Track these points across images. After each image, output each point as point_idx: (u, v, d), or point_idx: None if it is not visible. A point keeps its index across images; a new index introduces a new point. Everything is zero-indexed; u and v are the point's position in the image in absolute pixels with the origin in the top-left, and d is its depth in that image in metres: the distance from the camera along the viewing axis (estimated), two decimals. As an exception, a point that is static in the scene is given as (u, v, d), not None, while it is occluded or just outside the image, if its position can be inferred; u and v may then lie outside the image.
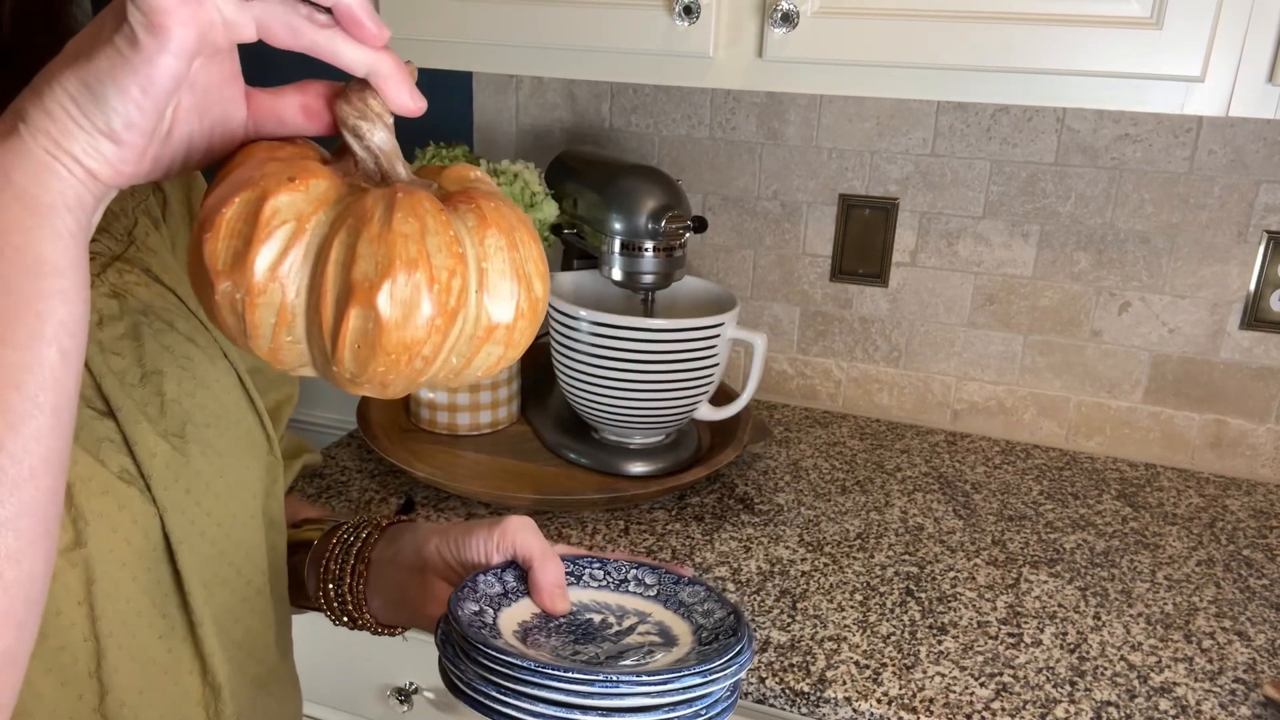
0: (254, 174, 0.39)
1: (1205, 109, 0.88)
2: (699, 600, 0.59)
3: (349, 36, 0.40)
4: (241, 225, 0.38)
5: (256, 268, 0.38)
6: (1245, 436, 1.27)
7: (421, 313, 0.38)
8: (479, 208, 0.41)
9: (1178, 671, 0.89)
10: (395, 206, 0.38)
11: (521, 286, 0.41)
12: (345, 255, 0.38)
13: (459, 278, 0.39)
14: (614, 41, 1.03)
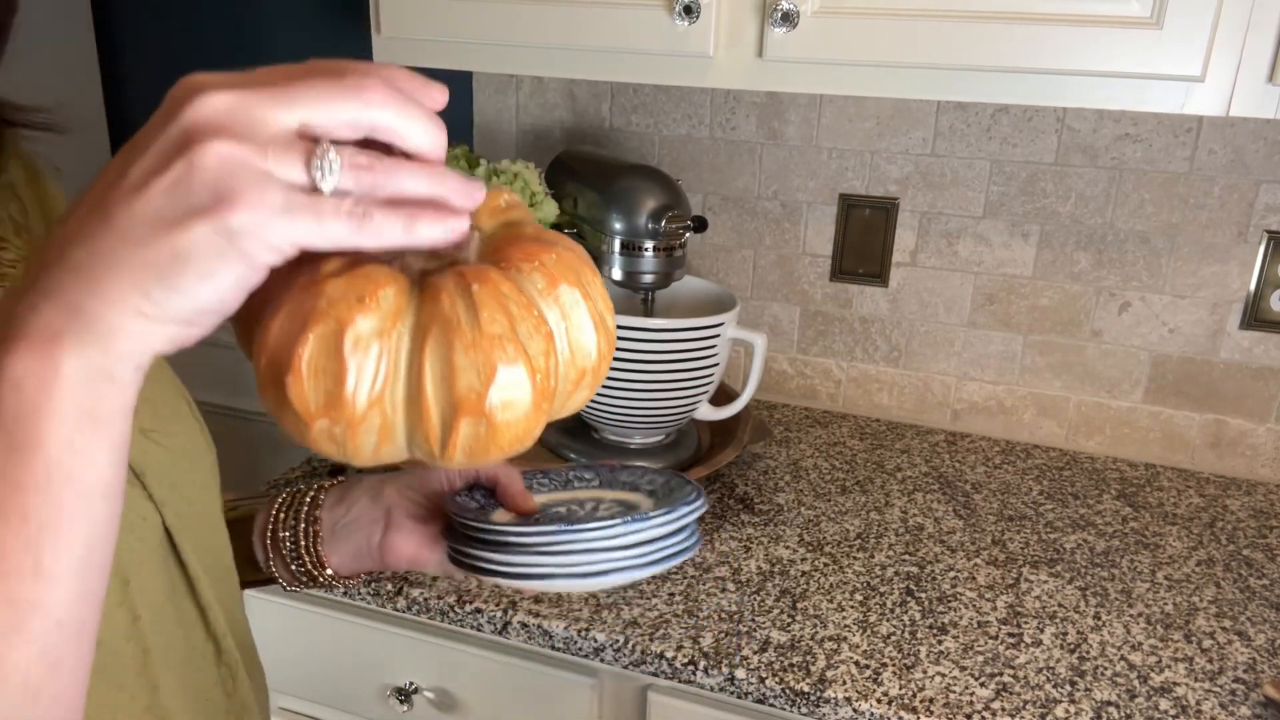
0: (317, 302, 0.35)
1: (1205, 109, 0.88)
2: (638, 476, 0.66)
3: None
4: (325, 362, 0.35)
5: (354, 403, 0.36)
6: (1245, 436, 1.27)
7: (528, 403, 0.38)
8: (542, 265, 0.39)
9: (1178, 671, 0.89)
10: (478, 305, 0.36)
11: (599, 331, 0.41)
12: (443, 369, 0.36)
13: (552, 355, 0.39)
14: (614, 41, 1.03)
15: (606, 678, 0.97)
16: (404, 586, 0.97)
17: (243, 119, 0.32)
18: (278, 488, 0.71)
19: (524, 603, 0.95)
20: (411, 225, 0.34)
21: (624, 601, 0.95)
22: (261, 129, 0.32)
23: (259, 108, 0.33)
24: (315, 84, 0.33)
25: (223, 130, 0.32)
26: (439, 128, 0.35)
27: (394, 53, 1.14)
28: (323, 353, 0.35)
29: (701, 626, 0.92)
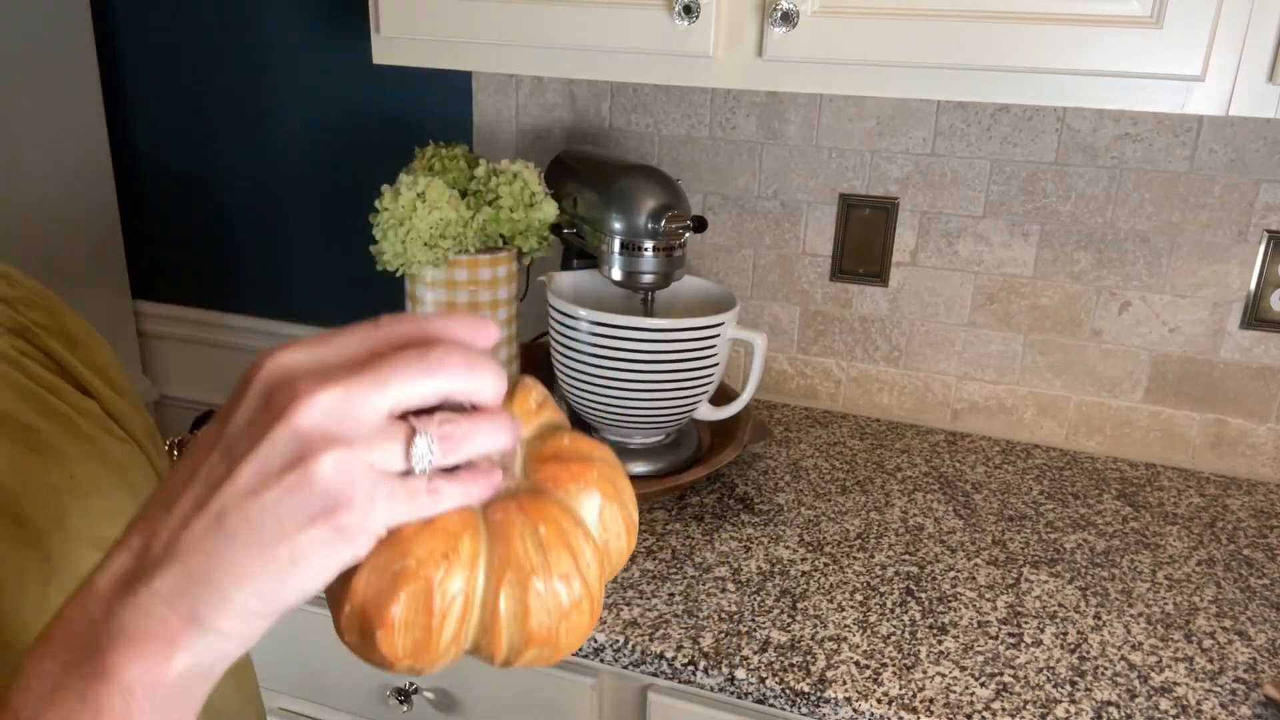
0: (406, 562, 0.38)
1: (1205, 108, 0.88)
2: None
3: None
4: (415, 616, 0.38)
5: (440, 649, 0.39)
6: (1245, 436, 1.27)
7: (586, 623, 0.41)
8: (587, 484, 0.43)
9: (1178, 671, 0.88)
10: (546, 548, 0.40)
11: (630, 534, 0.45)
12: (517, 608, 0.39)
13: (605, 570, 0.42)
14: (614, 41, 1.03)
15: (606, 678, 0.97)
16: (404, 587, 0.97)
17: (349, 419, 0.34)
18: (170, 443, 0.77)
19: (524, 603, 0.95)
20: (468, 492, 0.38)
21: (624, 602, 0.95)
22: (365, 424, 0.35)
23: (360, 402, 0.35)
24: (403, 367, 0.35)
25: (332, 439, 0.34)
26: (501, 379, 0.38)
27: (394, 52, 1.14)
28: (414, 609, 0.38)
29: (701, 626, 0.92)
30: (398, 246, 1.11)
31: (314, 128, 1.61)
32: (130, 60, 1.70)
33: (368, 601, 0.38)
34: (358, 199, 1.63)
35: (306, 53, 1.57)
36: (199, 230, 1.77)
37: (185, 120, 1.70)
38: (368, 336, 0.37)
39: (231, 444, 0.35)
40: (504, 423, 0.38)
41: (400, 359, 0.36)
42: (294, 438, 0.34)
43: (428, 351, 0.36)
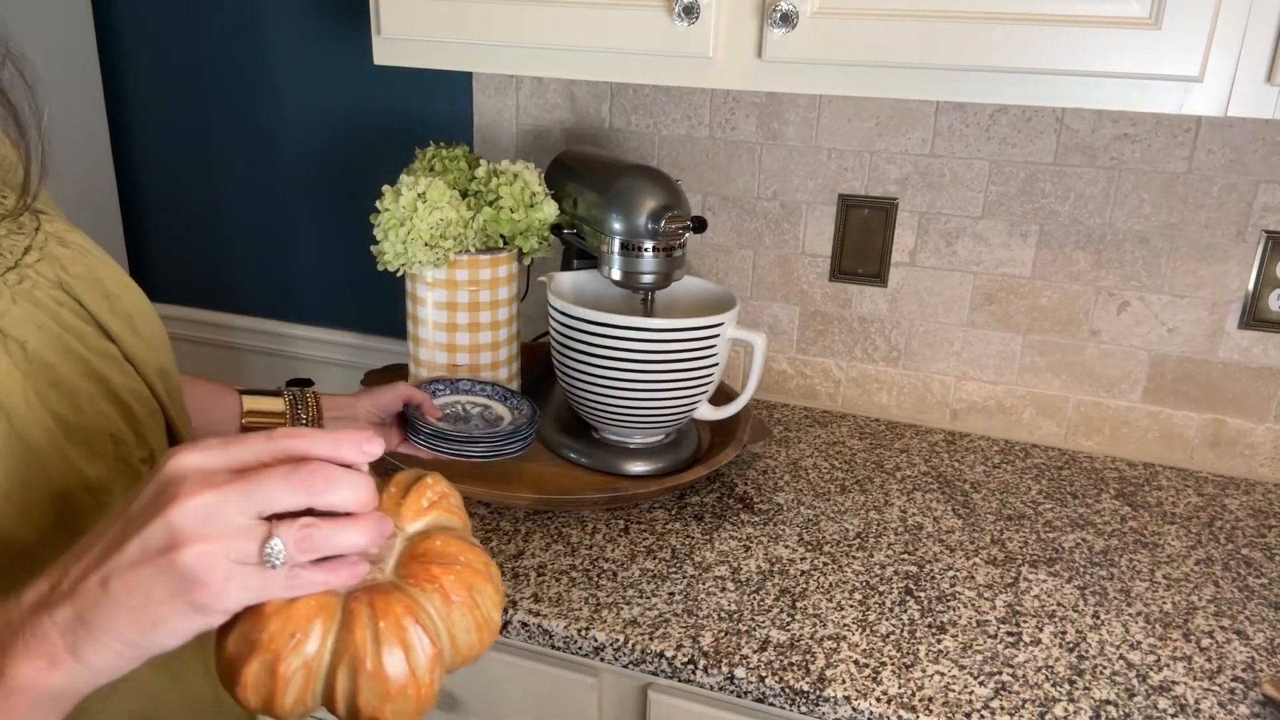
0: (260, 635, 0.46)
1: (1204, 109, 0.89)
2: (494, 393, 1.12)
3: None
4: (263, 678, 0.47)
5: (286, 706, 0.48)
6: (1244, 436, 1.27)
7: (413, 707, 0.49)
8: (440, 587, 0.50)
9: (1176, 670, 0.89)
10: (380, 642, 0.48)
11: (482, 631, 0.52)
12: (350, 688, 0.48)
13: (439, 666, 0.50)
14: (614, 42, 1.03)
15: (606, 677, 0.97)
16: (404, 586, 0.97)
17: (215, 519, 0.44)
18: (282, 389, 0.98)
19: (524, 602, 0.95)
20: (330, 579, 0.47)
21: (624, 601, 0.95)
22: (228, 524, 0.44)
23: (227, 507, 0.44)
24: (271, 481, 0.45)
25: (198, 535, 0.43)
26: (361, 492, 0.47)
27: (395, 53, 1.14)
28: (262, 673, 0.47)
29: (701, 626, 0.92)
30: (398, 247, 1.12)
31: (315, 128, 1.62)
32: (131, 60, 1.70)
33: (230, 659, 0.47)
34: (358, 199, 1.63)
35: (307, 54, 1.57)
36: (199, 230, 1.77)
37: (186, 121, 1.70)
38: (261, 449, 0.46)
39: (128, 522, 0.45)
40: (366, 526, 0.47)
41: (270, 474, 0.45)
42: (168, 529, 0.43)
43: (296, 469, 0.45)
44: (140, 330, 0.64)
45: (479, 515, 1.10)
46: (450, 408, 1.07)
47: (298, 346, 1.75)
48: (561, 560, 1.02)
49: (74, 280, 0.61)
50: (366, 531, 0.47)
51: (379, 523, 0.47)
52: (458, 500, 0.56)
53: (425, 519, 0.54)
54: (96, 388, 0.59)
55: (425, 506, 0.54)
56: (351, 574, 0.48)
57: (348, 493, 0.46)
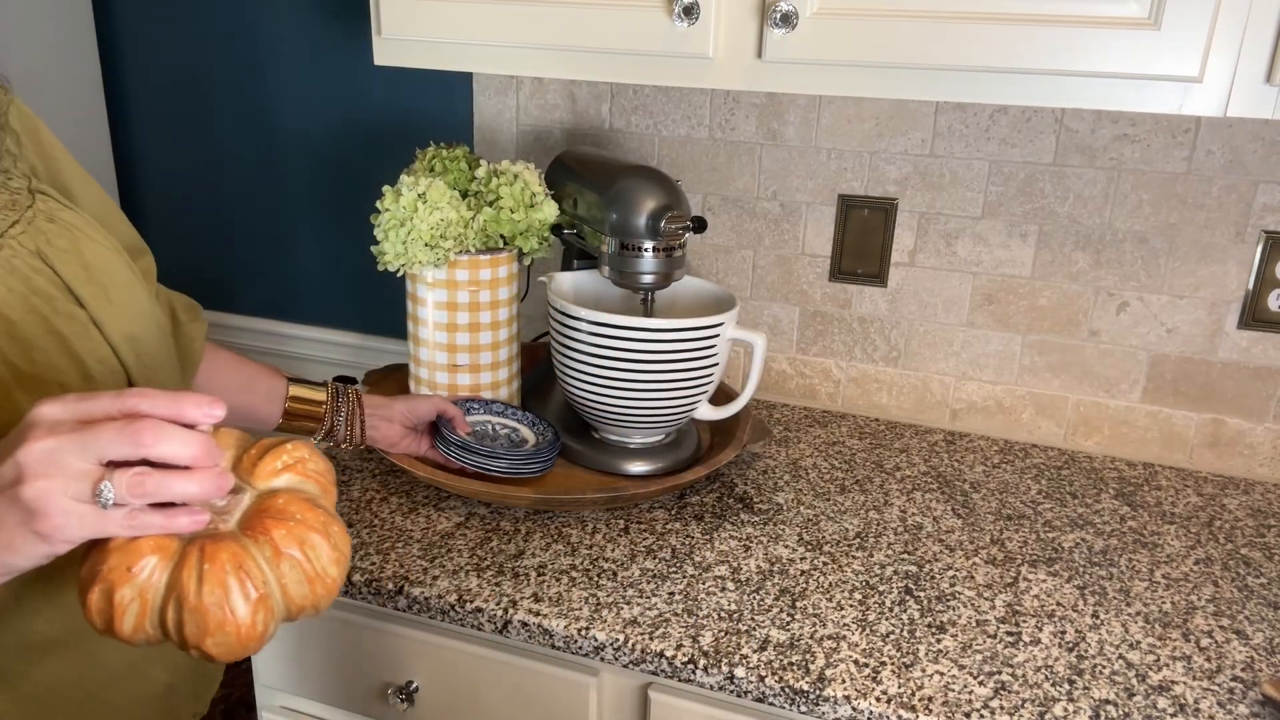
0: (100, 566, 0.54)
1: (1203, 109, 0.89)
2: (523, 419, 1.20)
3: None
4: (103, 604, 0.54)
5: (125, 631, 0.55)
6: (1243, 436, 1.27)
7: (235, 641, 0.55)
8: (271, 540, 0.56)
9: (1176, 670, 0.89)
10: (202, 580, 0.54)
11: (314, 584, 0.58)
12: (177, 618, 0.55)
13: (262, 609, 0.56)
14: (614, 42, 1.03)
15: (607, 676, 0.97)
16: (404, 586, 0.97)
17: (55, 462, 0.51)
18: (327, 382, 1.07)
19: (524, 602, 0.95)
20: (169, 523, 0.54)
21: (624, 600, 0.96)
22: (65, 467, 0.51)
23: (66, 453, 0.51)
24: (106, 433, 0.52)
25: (39, 474, 0.51)
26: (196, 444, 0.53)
27: (395, 54, 1.14)
28: (102, 599, 0.54)
29: (701, 625, 0.92)
30: (399, 247, 1.12)
31: (315, 128, 1.62)
32: (131, 61, 1.70)
33: (80, 586, 0.55)
34: (358, 199, 1.63)
35: (308, 54, 1.58)
36: (199, 230, 1.77)
37: (186, 121, 1.70)
38: (109, 405, 0.53)
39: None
40: (198, 478, 0.53)
41: (108, 426, 0.52)
42: (16, 466, 0.51)
43: (130, 423, 0.52)
44: (114, 299, 0.70)
45: (480, 515, 1.10)
46: (481, 425, 1.16)
47: (298, 346, 1.76)
48: (562, 560, 1.02)
49: (55, 252, 0.68)
50: (198, 481, 0.53)
51: (213, 476, 0.54)
52: (319, 466, 0.62)
53: (278, 480, 0.60)
54: (54, 344, 0.65)
55: (279, 468, 0.60)
56: (191, 521, 0.54)
57: (178, 447, 0.53)
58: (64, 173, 0.79)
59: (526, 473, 1.10)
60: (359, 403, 1.08)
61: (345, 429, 1.06)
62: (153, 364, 0.76)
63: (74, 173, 0.80)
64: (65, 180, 0.79)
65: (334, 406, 1.06)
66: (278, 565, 0.57)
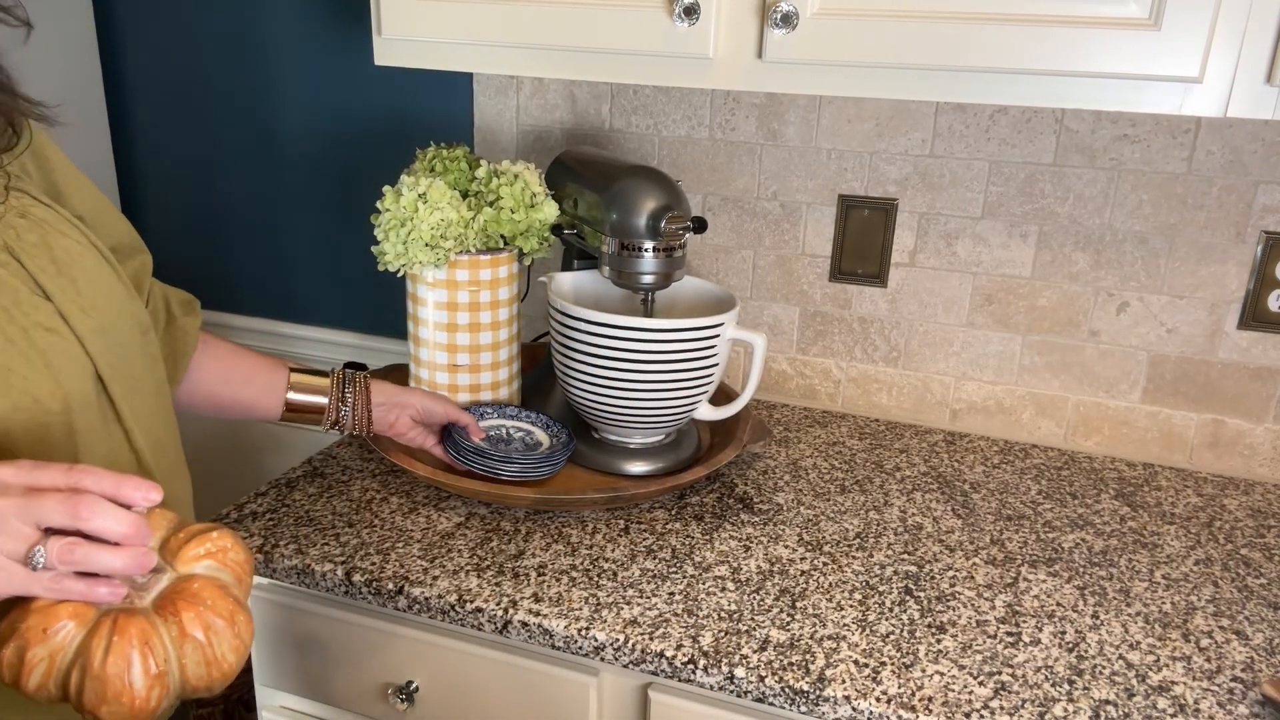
0: (18, 625, 0.58)
1: (1203, 110, 0.89)
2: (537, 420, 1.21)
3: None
4: (14, 660, 0.58)
5: (31, 687, 0.59)
6: (1243, 436, 1.27)
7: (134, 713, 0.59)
8: (179, 622, 0.61)
9: (1176, 670, 0.89)
10: (109, 651, 0.58)
11: (211, 668, 0.62)
12: (79, 682, 0.58)
13: (158, 686, 0.59)
14: (614, 42, 1.03)
15: (607, 676, 0.97)
16: (404, 586, 0.97)
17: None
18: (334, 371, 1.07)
19: (524, 602, 0.95)
20: (89, 592, 0.58)
21: (624, 601, 0.96)
22: (6, 528, 0.56)
23: (8, 516, 0.56)
24: (49, 502, 0.57)
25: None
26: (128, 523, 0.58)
27: (395, 54, 1.14)
28: (14, 655, 0.58)
29: (701, 625, 0.92)
30: (399, 247, 1.12)
31: (315, 128, 1.62)
32: (132, 61, 1.70)
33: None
34: (358, 199, 1.63)
35: (308, 54, 1.58)
36: (199, 230, 1.77)
37: (186, 121, 1.70)
38: (56, 477, 0.58)
39: None
40: (124, 554, 0.58)
41: (49, 495, 0.57)
42: None
43: (71, 496, 0.57)
44: (83, 292, 0.73)
45: (480, 515, 1.10)
46: (495, 430, 1.18)
47: (298, 346, 1.76)
48: (562, 560, 1.02)
49: (24, 246, 0.71)
50: (123, 557, 0.58)
51: (139, 555, 0.59)
52: (239, 557, 0.66)
53: (199, 565, 0.64)
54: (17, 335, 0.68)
55: (201, 554, 0.65)
56: (110, 592, 0.59)
57: (111, 523, 0.57)
58: (55, 171, 0.80)
59: (537, 475, 1.11)
60: (367, 390, 1.07)
61: (352, 418, 1.06)
62: (125, 356, 0.77)
63: (66, 171, 0.81)
64: (56, 179, 0.80)
65: (339, 396, 1.05)
66: (181, 646, 0.61)
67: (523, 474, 1.10)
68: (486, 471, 1.09)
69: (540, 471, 1.11)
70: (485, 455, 1.09)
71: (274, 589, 1.08)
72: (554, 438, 1.18)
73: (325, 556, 1.01)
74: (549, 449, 1.15)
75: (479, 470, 1.09)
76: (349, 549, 1.03)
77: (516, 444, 1.16)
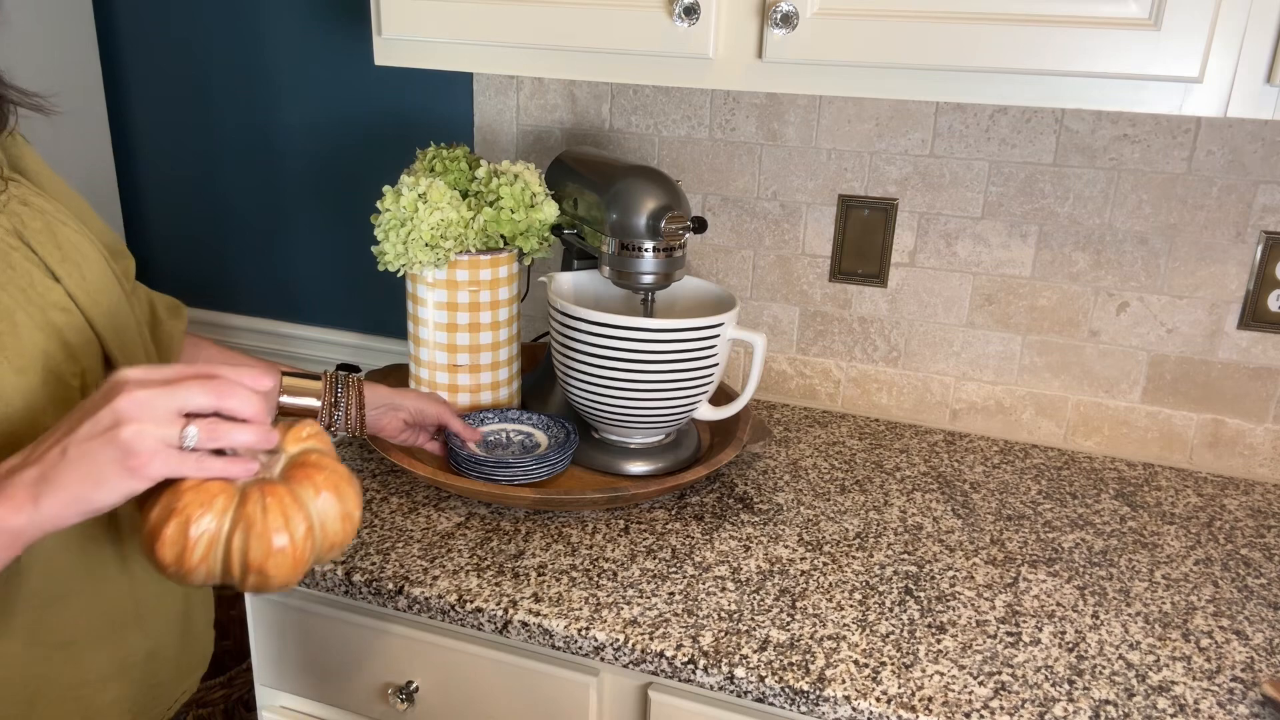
0: (176, 504, 0.63)
1: (1203, 109, 0.89)
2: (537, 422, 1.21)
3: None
4: (177, 537, 0.63)
5: (193, 563, 0.64)
6: (1243, 436, 1.27)
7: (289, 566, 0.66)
8: (314, 483, 0.68)
9: (1176, 670, 0.89)
10: (266, 511, 0.64)
11: (344, 522, 0.69)
12: (243, 546, 0.64)
13: (310, 538, 0.67)
14: (614, 42, 1.03)
15: (607, 676, 0.97)
16: (405, 586, 0.97)
17: (147, 409, 0.61)
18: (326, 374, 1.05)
19: (524, 602, 0.95)
20: (229, 468, 0.64)
21: (624, 601, 0.96)
22: (157, 413, 0.61)
23: (156, 401, 0.61)
24: (189, 387, 0.62)
25: (133, 419, 0.61)
26: (257, 402, 0.65)
27: (395, 54, 1.14)
28: (177, 532, 0.63)
29: (701, 625, 0.92)
30: (399, 247, 1.12)
31: (315, 129, 1.62)
32: (132, 61, 1.70)
33: (152, 524, 0.63)
34: (358, 200, 1.63)
35: (308, 54, 1.58)
36: (200, 231, 1.77)
37: (187, 121, 1.70)
38: (184, 369, 0.64)
39: (82, 412, 0.62)
40: (257, 430, 0.65)
41: (190, 381, 0.63)
42: (114, 413, 0.61)
43: (209, 380, 0.63)
44: (87, 278, 0.76)
45: (480, 515, 1.10)
46: (494, 434, 1.19)
47: (298, 346, 1.76)
48: (562, 560, 1.02)
49: (30, 233, 0.74)
50: (255, 433, 0.65)
51: (266, 430, 0.65)
52: (329, 443, 0.73)
53: (303, 445, 0.71)
54: (35, 313, 0.71)
55: (305, 436, 0.71)
56: (245, 468, 0.65)
57: (244, 403, 0.64)
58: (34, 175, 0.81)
59: (535, 477, 1.11)
60: (360, 393, 1.06)
61: (345, 420, 1.06)
62: (129, 342, 0.79)
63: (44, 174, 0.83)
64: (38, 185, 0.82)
65: (332, 399, 1.05)
66: (318, 503, 0.67)
67: (518, 479, 1.10)
68: (482, 477, 1.10)
69: (538, 473, 1.11)
70: (481, 463, 1.09)
71: (274, 589, 1.08)
72: (553, 438, 1.18)
73: (325, 556, 1.01)
74: (545, 450, 1.15)
75: (473, 476, 1.10)
76: (349, 549, 1.03)
77: (515, 447, 1.17)
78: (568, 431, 1.18)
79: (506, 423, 1.21)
